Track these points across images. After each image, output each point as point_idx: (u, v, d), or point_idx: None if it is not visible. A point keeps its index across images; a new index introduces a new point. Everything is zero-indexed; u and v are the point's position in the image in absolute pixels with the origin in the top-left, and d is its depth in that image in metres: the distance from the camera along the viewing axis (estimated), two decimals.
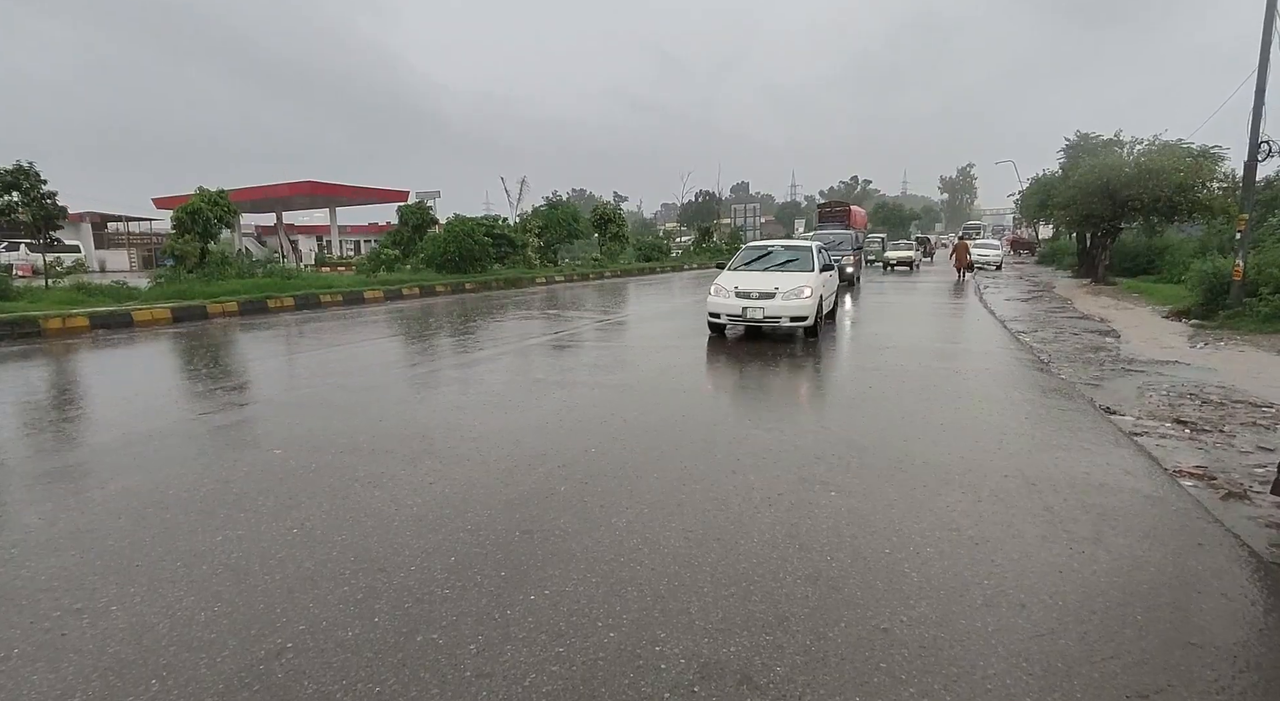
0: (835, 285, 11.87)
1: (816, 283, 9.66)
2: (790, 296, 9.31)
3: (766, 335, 10.22)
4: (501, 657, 2.40)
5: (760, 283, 9.63)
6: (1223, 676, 2.30)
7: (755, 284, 9.62)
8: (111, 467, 4.48)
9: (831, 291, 11.18)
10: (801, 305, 9.27)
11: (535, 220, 30.53)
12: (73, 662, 2.40)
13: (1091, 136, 24.26)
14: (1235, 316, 11.23)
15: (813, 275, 9.89)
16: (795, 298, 9.31)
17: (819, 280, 9.82)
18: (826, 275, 10.48)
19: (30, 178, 13.93)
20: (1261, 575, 3.03)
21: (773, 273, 10.18)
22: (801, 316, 9.28)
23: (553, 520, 3.57)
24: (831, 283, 11.05)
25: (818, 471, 4.31)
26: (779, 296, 9.30)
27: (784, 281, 9.60)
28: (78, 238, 31.75)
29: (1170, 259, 20.20)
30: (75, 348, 9.92)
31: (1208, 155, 18.66)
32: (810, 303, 9.32)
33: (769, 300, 9.31)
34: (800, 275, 9.89)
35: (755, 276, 10.03)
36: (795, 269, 10.26)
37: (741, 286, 9.59)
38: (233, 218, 18.84)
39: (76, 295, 14.03)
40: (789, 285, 9.47)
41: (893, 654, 2.42)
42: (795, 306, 9.24)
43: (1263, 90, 11.56)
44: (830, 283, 10.85)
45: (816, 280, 9.74)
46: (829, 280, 10.72)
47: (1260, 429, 5.35)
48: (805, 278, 9.74)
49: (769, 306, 9.26)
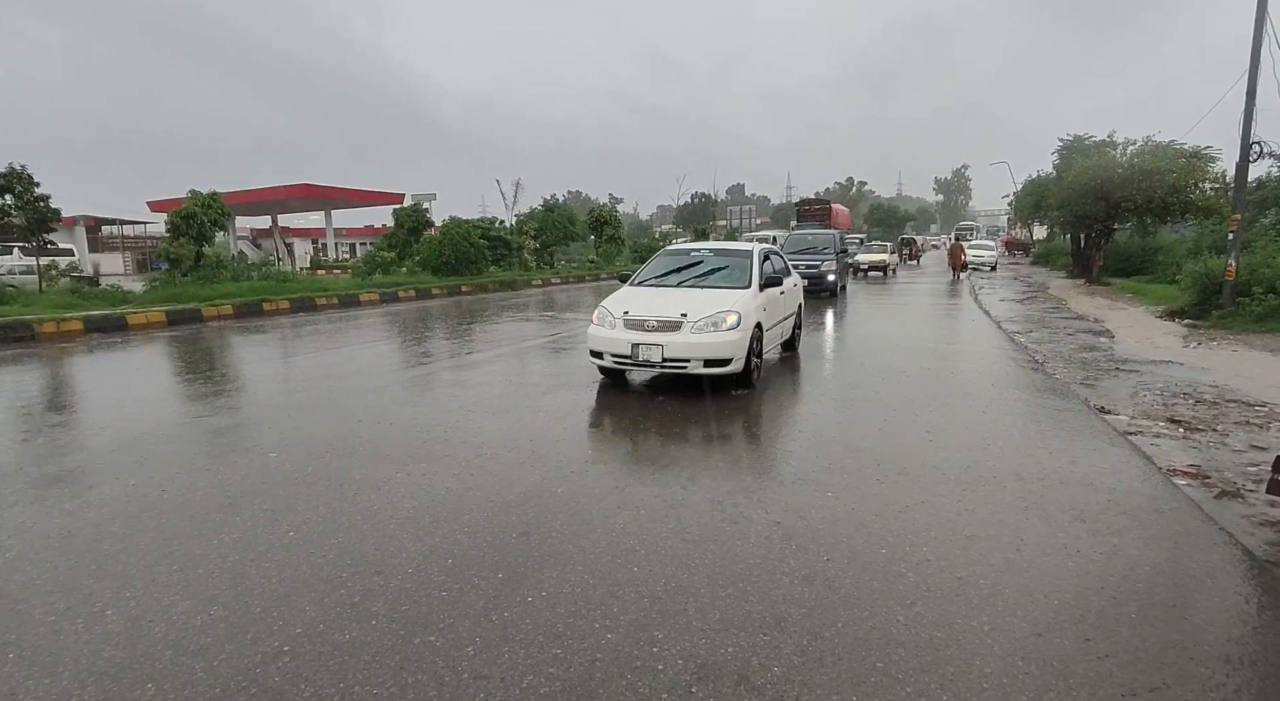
0: (795, 304, 8.76)
1: (750, 305, 6.64)
2: (704, 328, 6.23)
3: None
4: (499, 659, 2.40)
5: (662, 306, 6.54)
6: (1216, 674, 2.32)
7: (654, 308, 6.50)
8: (106, 471, 4.46)
9: (787, 314, 8.21)
10: (721, 341, 6.19)
11: (531, 222, 30.53)
12: (68, 667, 2.38)
13: (1085, 138, 24.42)
14: (1228, 316, 11.30)
15: (744, 294, 6.82)
16: (712, 330, 6.23)
17: (755, 302, 6.80)
18: (772, 293, 7.42)
19: (23, 180, 13.87)
20: (1255, 573, 3.05)
21: (688, 290, 7.10)
22: (720, 358, 6.20)
23: (549, 522, 3.57)
24: (784, 302, 7.98)
25: (814, 473, 4.32)
26: (687, 328, 6.22)
27: (698, 304, 6.51)
28: (71, 241, 31.58)
29: (1164, 259, 20.30)
30: (70, 351, 9.88)
31: (1200, 156, 18.79)
32: (735, 338, 6.25)
33: (672, 333, 6.23)
34: (725, 294, 6.82)
35: (659, 296, 6.98)
36: (722, 283, 7.17)
37: (635, 311, 6.49)
38: (227, 221, 18.79)
39: (71, 298, 13.97)
40: (704, 310, 6.35)
41: (889, 653, 2.42)
42: (711, 343, 6.17)
43: (1253, 92, 11.64)
44: (781, 302, 7.79)
45: (750, 302, 6.72)
46: (777, 300, 7.60)
47: (1253, 428, 5.38)
48: (732, 298, 6.67)
49: (672, 343, 6.17)
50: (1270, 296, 10.99)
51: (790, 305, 8.40)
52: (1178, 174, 18.37)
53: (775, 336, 7.71)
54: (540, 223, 30.56)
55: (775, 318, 7.57)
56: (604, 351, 6.52)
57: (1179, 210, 19.11)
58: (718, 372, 6.32)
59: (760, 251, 7.81)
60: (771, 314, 7.35)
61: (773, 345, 7.61)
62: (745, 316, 6.43)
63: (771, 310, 7.36)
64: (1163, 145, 19.66)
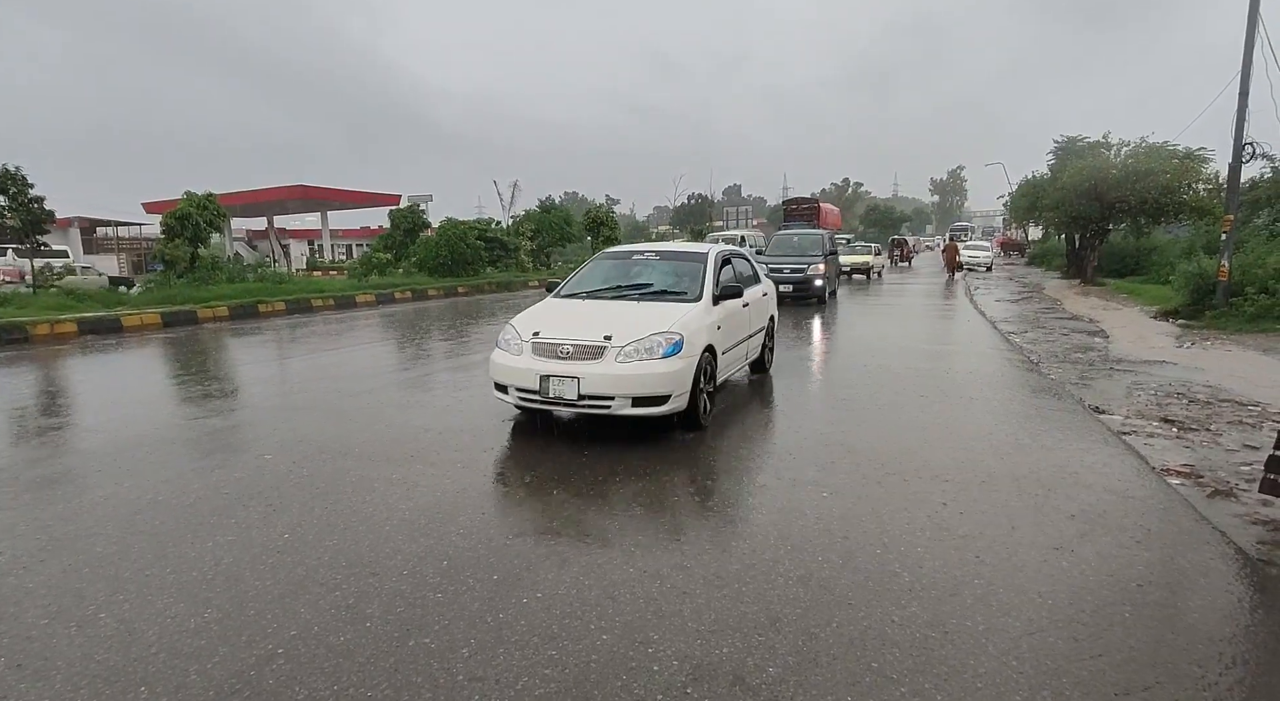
0: (766, 317, 7.24)
1: (698, 323, 5.26)
2: (634, 354, 4.81)
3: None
4: (494, 661, 2.40)
5: (583, 326, 5.13)
6: (1209, 673, 2.33)
7: (572, 329, 5.10)
8: (100, 473, 4.44)
9: (754, 330, 6.75)
10: (655, 373, 4.77)
11: (528, 223, 30.52)
12: (61, 671, 2.37)
13: (1079, 139, 24.49)
14: (1221, 316, 11.36)
15: (692, 310, 5.38)
16: (644, 357, 4.81)
17: (706, 319, 5.41)
18: (732, 307, 5.96)
19: (16, 182, 13.81)
20: (1248, 572, 3.06)
21: (623, 304, 5.64)
22: (654, 394, 4.79)
23: (545, 523, 3.57)
24: (748, 317, 6.48)
25: (810, 473, 4.33)
26: (612, 355, 4.82)
27: (629, 323, 5.08)
28: (66, 242, 31.46)
29: (1158, 260, 20.39)
30: (64, 353, 9.84)
31: (1193, 157, 18.88)
32: (675, 368, 4.84)
33: (591, 362, 4.83)
34: (667, 309, 5.36)
35: (583, 312, 5.57)
36: (666, 295, 5.75)
37: (547, 333, 5.07)
38: (223, 222, 18.74)
39: (65, 300, 13.91)
40: (635, 331, 4.94)
41: (884, 653, 2.43)
42: (642, 375, 4.74)
43: (1246, 93, 11.70)
44: (743, 317, 6.33)
45: (700, 319, 5.32)
46: (738, 315, 6.14)
47: (1246, 427, 5.41)
48: (675, 315, 5.21)
49: (591, 375, 4.76)
50: (1263, 296, 11.06)
51: (758, 319, 6.91)
52: (1171, 175, 18.46)
53: (737, 358, 6.32)
54: (537, 224, 30.55)
55: (736, 336, 6.12)
56: (508, 384, 5.09)
57: (1173, 211, 19.20)
58: (652, 413, 4.83)
59: (718, 255, 6.28)
60: (730, 332, 5.91)
61: (733, 370, 6.31)
62: (690, 339, 5.03)
63: (730, 328, 5.89)
64: (1156, 146, 19.75)
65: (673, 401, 4.88)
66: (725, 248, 6.87)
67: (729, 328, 5.89)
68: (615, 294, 5.94)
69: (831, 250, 17.16)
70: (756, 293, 6.93)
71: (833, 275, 16.86)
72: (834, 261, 17.44)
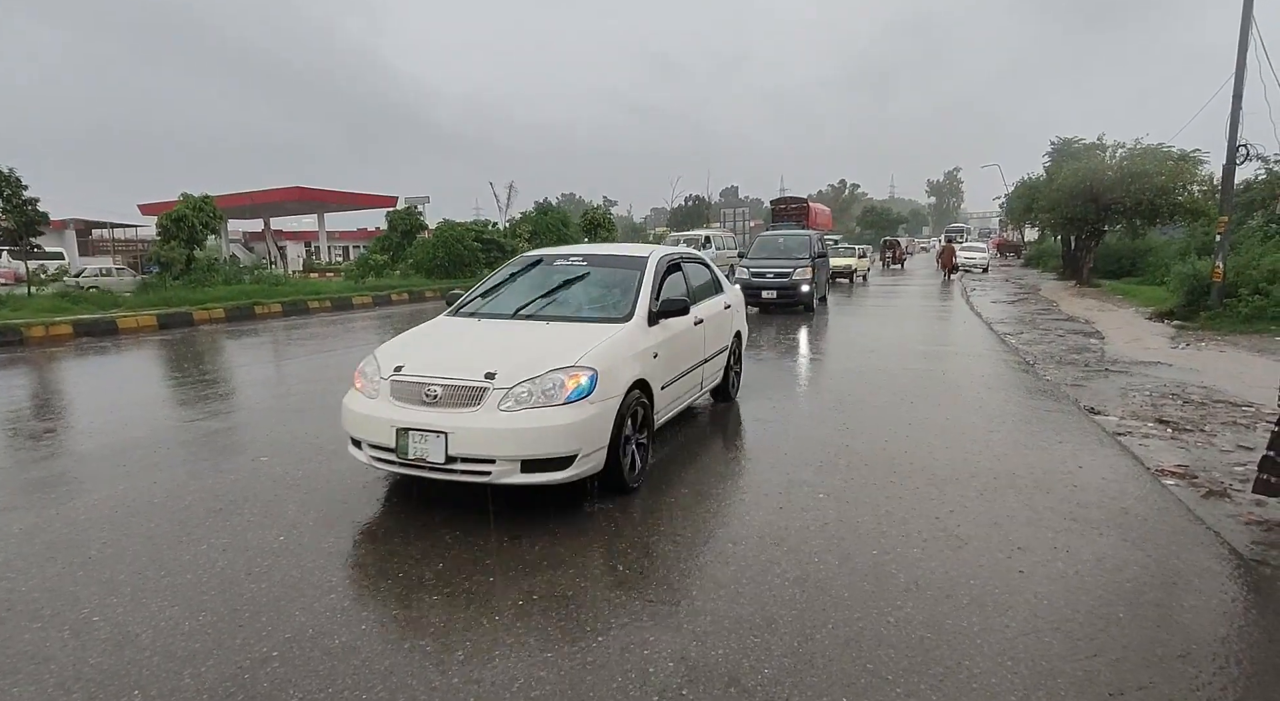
0: (729, 336, 5.95)
1: (624, 352, 4.04)
2: (526, 398, 3.58)
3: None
4: (490, 663, 2.40)
5: (461, 356, 3.96)
6: (1203, 672, 2.33)
7: (445, 361, 3.89)
8: (95, 476, 4.43)
9: (712, 352, 5.45)
10: (552, 425, 3.52)
11: (525, 225, 30.48)
12: (54, 674, 2.36)
13: (1075, 140, 24.58)
14: (1216, 317, 11.40)
15: (617, 333, 4.14)
16: (538, 403, 3.57)
17: (637, 344, 4.20)
18: (676, 327, 4.70)
19: (10, 184, 13.78)
20: (1242, 572, 3.08)
21: (528, 325, 4.42)
22: (552, 455, 3.53)
23: (541, 524, 3.57)
24: (701, 337, 5.17)
25: (806, 474, 4.33)
26: (494, 398, 3.57)
27: (524, 354, 3.84)
28: (61, 244, 31.37)
29: (1153, 261, 20.47)
30: (59, 356, 9.81)
31: (1188, 158, 18.95)
32: (583, 416, 3.58)
33: (465, 410, 3.58)
34: (583, 332, 4.12)
35: (471, 336, 4.37)
36: (590, 314, 4.51)
37: (413, 367, 3.83)
38: (219, 224, 18.73)
39: (60, 302, 13.87)
40: (528, 366, 3.69)
41: (880, 654, 2.43)
42: (535, 428, 3.50)
43: (1239, 95, 11.76)
44: (694, 338, 5.03)
45: (627, 345, 4.11)
46: (685, 336, 4.86)
47: (1240, 428, 5.43)
48: (591, 341, 3.96)
49: (462, 429, 3.51)
50: (1257, 297, 11.11)
51: (718, 337, 5.64)
52: (1166, 176, 18.53)
53: (688, 389, 5.00)
54: (534, 225, 30.51)
55: (685, 362, 4.83)
56: (361, 438, 3.78)
57: (1167, 212, 19.27)
58: (552, 481, 3.51)
59: (661, 260, 4.96)
60: (675, 359, 4.63)
61: (681, 406, 4.98)
62: (610, 373, 3.73)
63: (675, 353, 4.62)
64: (1151, 148, 19.82)
65: (580, 463, 3.53)
66: (675, 251, 5.57)
67: (674, 353, 4.61)
68: (523, 312, 4.55)
69: (820, 252, 15.89)
70: (716, 305, 5.71)
71: (823, 280, 15.72)
72: (823, 265, 16.14)
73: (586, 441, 3.58)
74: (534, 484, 3.56)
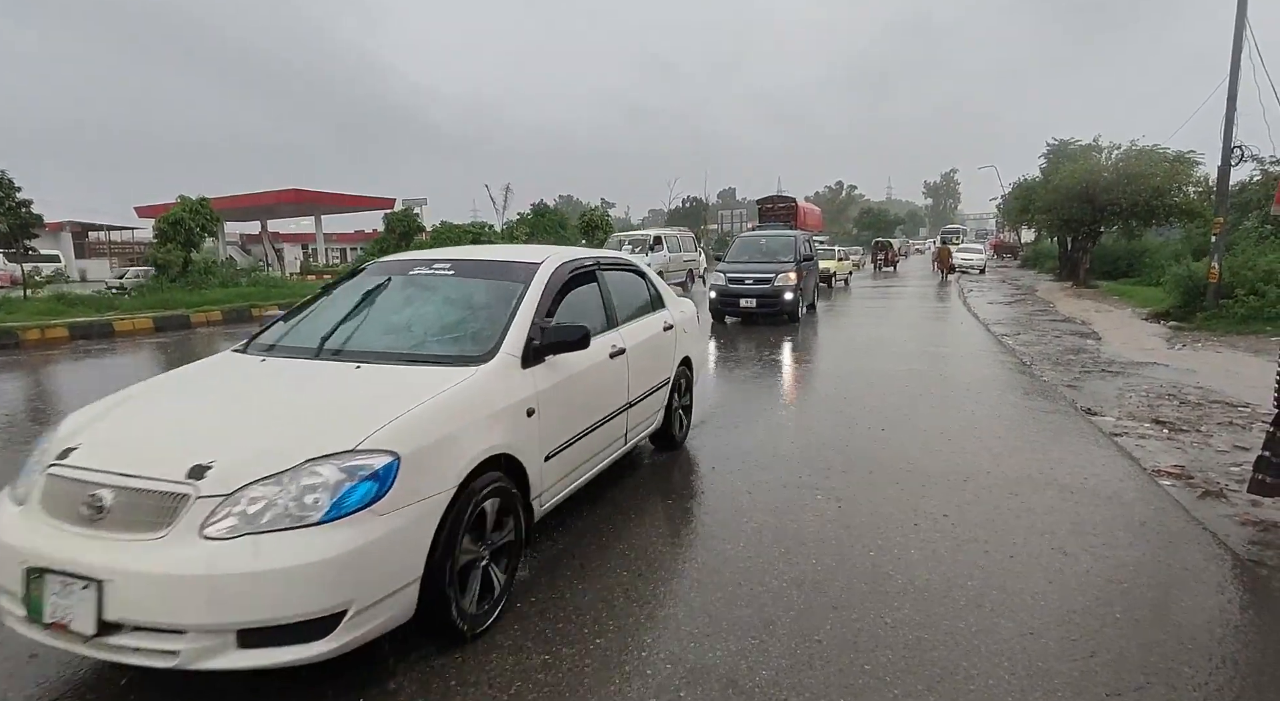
0: (671, 364, 4.57)
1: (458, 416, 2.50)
2: (252, 519, 2.01)
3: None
4: (487, 665, 2.39)
5: (172, 432, 2.39)
6: (1200, 673, 2.34)
7: (129, 448, 2.27)
8: None
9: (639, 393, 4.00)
10: (296, 566, 1.95)
11: (522, 227, 30.54)
12: (50, 677, 2.36)
13: (1071, 142, 24.66)
14: (1212, 318, 11.44)
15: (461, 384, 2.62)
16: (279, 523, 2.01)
17: (494, 401, 2.68)
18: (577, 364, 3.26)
19: (3, 186, 13.75)
20: (1238, 573, 3.08)
21: (329, 371, 2.86)
22: (296, 619, 1.95)
23: (538, 525, 3.56)
24: (627, 371, 3.82)
25: (804, 475, 4.34)
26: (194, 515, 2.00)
27: (278, 423, 2.39)
28: (57, 247, 31.36)
29: (1149, 262, 20.52)
30: (55, 358, 9.78)
31: (1183, 160, 19.04)
32: (356, 544, 2.03)
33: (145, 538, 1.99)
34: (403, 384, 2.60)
35: (224, 393, 2.80)
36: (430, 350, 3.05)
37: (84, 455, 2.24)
38: (216, 226, 18.71)
39: (56, 305, 13.83)
40: (271, 451, 2.15)
41: (877, 656, 2.43)
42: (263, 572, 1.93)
43: (1234, 97, 11.81)
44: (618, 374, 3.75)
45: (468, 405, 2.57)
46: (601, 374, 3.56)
47: (1236, 428, 5.44)
48: (397, 403, 2.39)
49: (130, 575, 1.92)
50: (1252, 298, 11.15)
51: (655, 370, 4.29)
52: (1162, 177, 18.61)
53: (599, 448, 3.61)
54: (531, 227, 30.57)
55: (591, 415, 3.46)
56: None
57: (1163, 213, 19.36)
58: (299, 660, 2.02)
59: (558, 269, 3.54)
60: (573, 413, 3.28)
61: (584, 477, 3.52)
62: (427, 456, 2.32)
63: (570, 404, 3.25)
64: (1147, 149, 19.90)
65: (354, 623, 2.08)
66: (587, 255, 4.06)
67: (570, 402, 3.24)
68: (332, 345, 3.09)
69: (807, 255, 13.85)
70: (649, 327, 4.34)
71: (810, 286, 13.91)
72: (811, 269, 14.26)
73: (369, 584, 2.10)
74: (265, 667, 2.00)
